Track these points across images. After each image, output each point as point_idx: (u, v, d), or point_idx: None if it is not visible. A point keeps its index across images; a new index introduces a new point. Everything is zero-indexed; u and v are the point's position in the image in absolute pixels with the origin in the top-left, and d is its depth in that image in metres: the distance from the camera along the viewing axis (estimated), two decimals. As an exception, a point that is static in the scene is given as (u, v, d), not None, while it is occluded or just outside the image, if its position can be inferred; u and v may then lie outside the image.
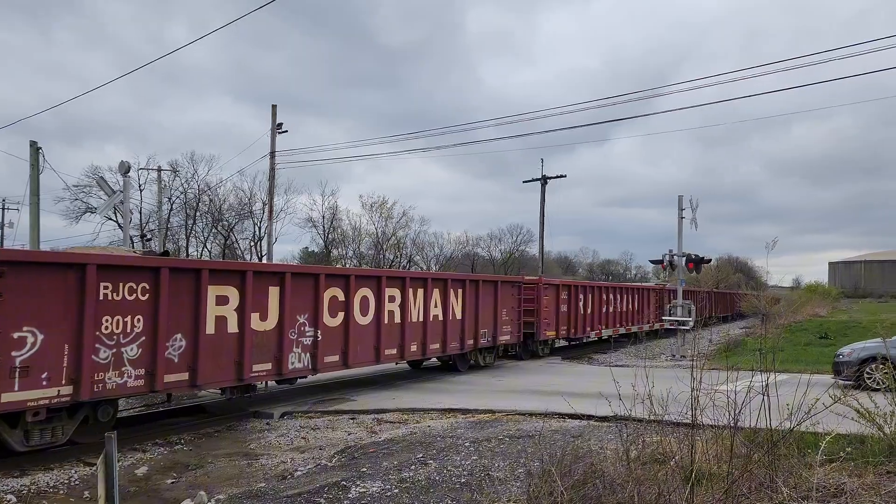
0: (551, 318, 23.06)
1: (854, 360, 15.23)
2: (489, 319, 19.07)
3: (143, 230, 50.00)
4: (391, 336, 15.23)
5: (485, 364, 19.51)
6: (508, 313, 20.23)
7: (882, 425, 7.38)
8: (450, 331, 17.25)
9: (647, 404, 6.88)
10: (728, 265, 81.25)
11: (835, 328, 29.42)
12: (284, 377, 12.79)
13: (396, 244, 70.23)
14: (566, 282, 25.98)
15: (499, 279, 20.59)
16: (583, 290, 25.77)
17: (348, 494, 7.21)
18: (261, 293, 12.11)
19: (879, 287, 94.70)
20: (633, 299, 30.52)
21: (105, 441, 3.77)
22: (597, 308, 26.51)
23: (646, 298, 32.42)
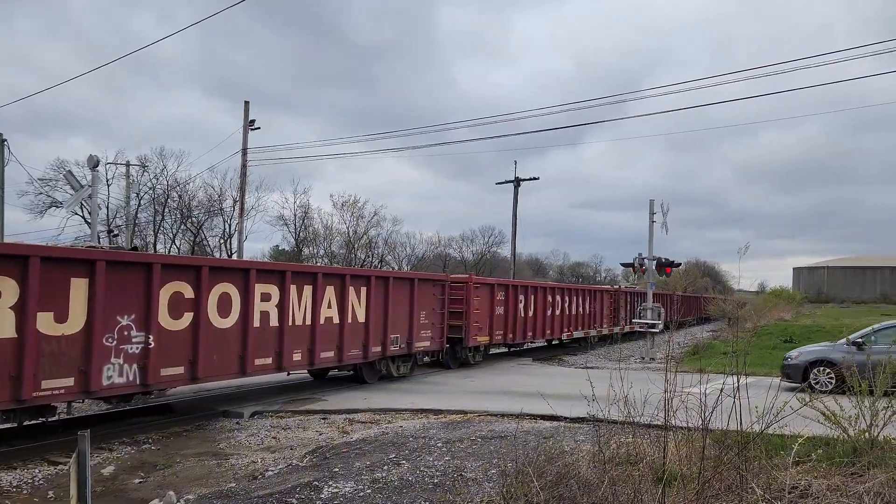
0: (484, 321, 20.71)
1: (801, 363, 15.63)
2: (403, 323, 16.61)
3: (110, 226, 49.11)
4: (263, 342, 12.55)
5: (399, 374, 17.09)
6: (429, 316, 17.74)
7: (847, 428, 7.53)
8: (348, 336, 14.67)
9: (619, 406, 6.95)
10: (696, 269, 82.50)
11: (799, 332, 29.97)
12: (97, 395, 10.26)
13: (368, 244, 69.94)
14: (503, 281, 23.70)
15: (416, 276, 18.08)
16: (523, 290, 23.34)
17: (320, 495, 7.15)
18: (58, 287, 9.46)
19: (841, 292, 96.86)
20: (584, 302, 28.35)
21: (78, 439, 3.68)
22: (541, 311, 24.18)
23: (599, 301, 30.24)
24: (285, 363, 13.11)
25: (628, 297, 34.81)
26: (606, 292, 32.20)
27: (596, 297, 30.03)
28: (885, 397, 7.56)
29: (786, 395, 6.94)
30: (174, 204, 57.49)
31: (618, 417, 7.08)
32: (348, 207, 68.07)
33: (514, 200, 42.22)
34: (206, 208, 58.73)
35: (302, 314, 13.49)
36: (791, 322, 38.73)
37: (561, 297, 26.12)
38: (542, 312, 24.39)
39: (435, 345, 18.26)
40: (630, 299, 34.79)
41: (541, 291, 24.64)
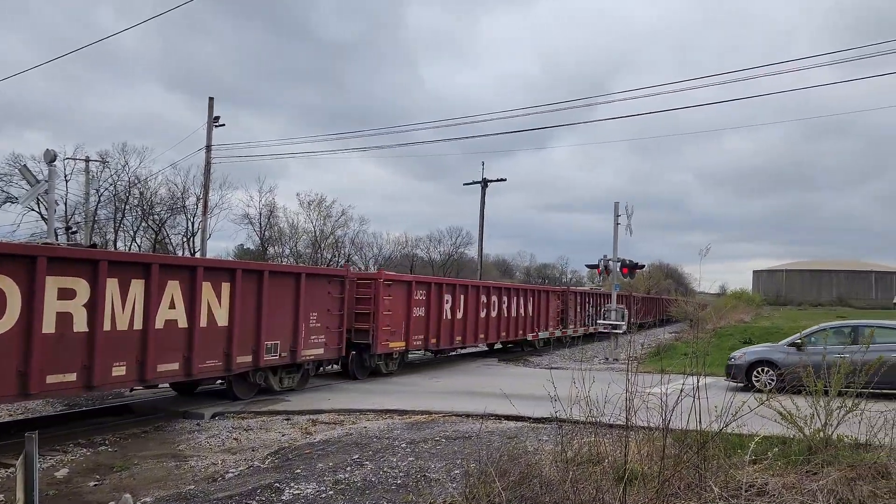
0: (398, 324, 18.07)
1: (744, 363, 16.02)
2: (284, 327, 13.92)
3: (68, 222, 47.96)
4: (61, 353, 9.75)
5: (283, 388, 14.41)
6: (322, 318, 15.07)
7: (802, 427, 7.69)
8: (202, 344, 11.95)
9: (581, 406, 7.01)
10: (659, 271, 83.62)
11: (758, 333, 30.54)
12: None
13: (335, 243, 69.53)
14: (424, 279, 21.65)
15: (302, 271, 15.41)
16: (450, 289, 20.82)
17: (281, 497, 7.06)
18: None
19: (799, 295, 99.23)
20: (526, 303, 26.02)
21: (25, 441, 3.56)
22: (472, 312, 21.74)
23: (544, 302, 27.89)
24: (97, 380, 10.15)
25: (580, 297, 33.26)
26: (553, 293, 29.78)
27: (541, 297, 27.58)
28: (838, 397, 7.72)
29: (743, 395, 7.07)
30: (135, 201, 56.42)
31: (581, 417, 7.14)
32: (315, 207, 67.64)
33: (481, 201, 42.34)
34: (168, 206, 57.78)
35: (128, 317, 10.71)
36: (750, 324, 39.47)
37: (498, 298, 23.71)
38: (475, 314, 21.95)
39: (330, 352, 15.52)
40: (582, 300, 33.16)
41: (473, 291, 22.11)
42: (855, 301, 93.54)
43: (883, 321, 18.46)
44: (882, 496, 6.10)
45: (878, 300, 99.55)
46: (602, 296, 35.93)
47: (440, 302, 19.96)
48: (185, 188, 57.50)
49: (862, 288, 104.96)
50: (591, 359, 25.75)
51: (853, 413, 7.67)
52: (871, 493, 6.10)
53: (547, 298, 28.18)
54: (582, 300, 33.23)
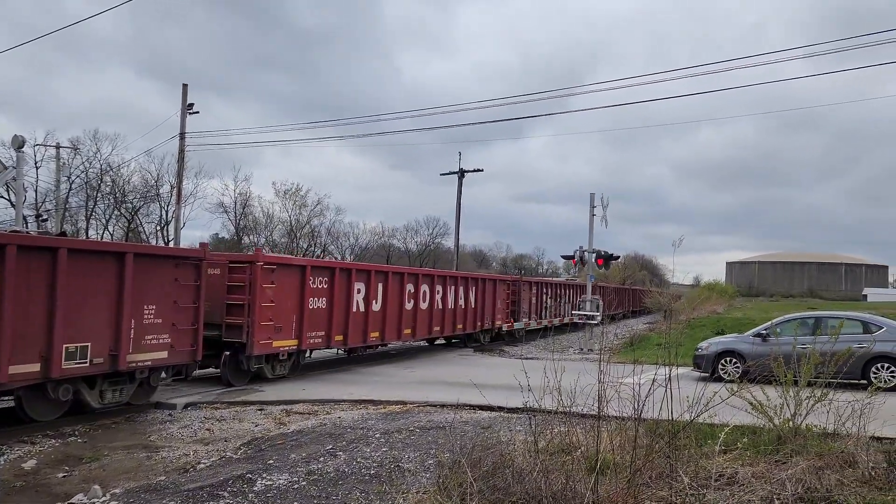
0: (286, 317, 14.63)
1: (711, 353, 16.25)
2: (99, 324, 10.60)
3: (38, 210, 47.10)
4: None
5: (104, 403, 11.11)
6: (164, 312, 11.68)
7: (772, 417, 7.80)
8: None
9: (554, 396, 7.03)
10: (634, 263, 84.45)
11: (731, 324, 30.95)
12: None
13: (311, 233, 69.14)
14: (323, 263, 18.89)
15: (129, 250, 11.39)
16: (363, 276, 17.42)
17: (253, 487, 7.00)
18: None
19: (771, 286, 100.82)
20: (467, 293, 23.03)
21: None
22: (394, 304, 18.53)
23: (490, 292, 24.94)
24: None
25: (537, 288, 30.85)
26: (501, 282, 26.82)
27: (486, 287, 24.73)
28: (807, 387, 7.84)
29: (714, 386, 7.14)
30: (107, 189, 55.55)
31: (554, 407, 7.17)
32: (290, 196, 67.18)
33: (458, 192, 42.30)
34: (141, 194, 56.98)
35: None
36: (723, 315, 40.00)
37: (431, 288, 20.62)
38: (398, 306, 18.76)
39: (179, 355, 12.04)
40: (539, 291, 30.84)
41: (395, 279, 18.82)
42: (825, 292, 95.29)
43: (845, 312, 18.81)
44: (849, 484, 6.21)
45: (847, 291, 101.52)
46: (563, 286, 35.20)
47: (348, 291, 16.67)
48: (158, 176, 56.79)
49: (832, 280, 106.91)
50: (566, 349, 25.94)
51: (822, 403, 7.80)
52: (839, 482, 6.21)
53: (494, 289, 25.37)
54: (539, 291, 30.94)
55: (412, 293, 19.56)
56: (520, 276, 30.21)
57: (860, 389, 8.40)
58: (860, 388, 10.92)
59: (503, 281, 27.26)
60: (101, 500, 6.79)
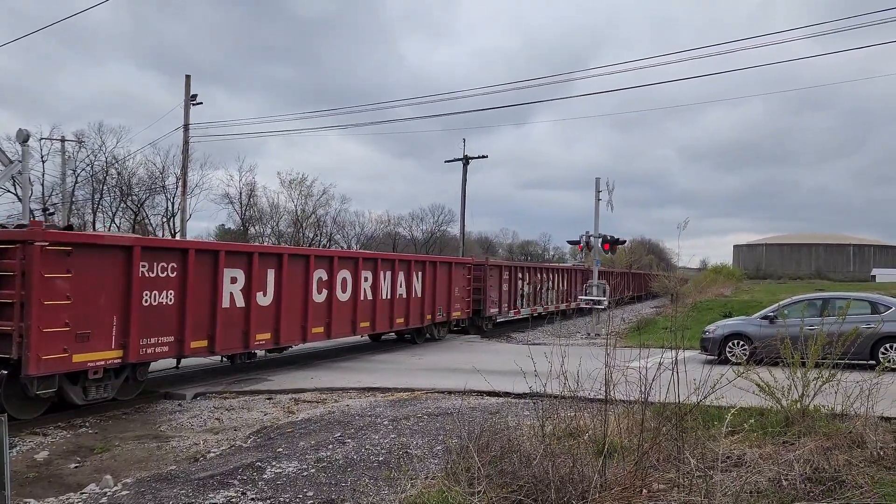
0: (95, 320, 10.40)
1: (718, 336, 16.24)
2: None
3: (45, 203, 47.27)
4: None
5: None
6: None
7: (780, 398, 7.80)
8: None
9: (562, 381, 7.05)
10: (641, 247, 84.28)
11: (738, 307, 30.90)
12: None
13: (316, 222, 69.23)
14: (171, 244, 13.90)
15: None
16: (242, 260, 13.22)
17: (263, 475, 7.05)
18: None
19: (779, 269, 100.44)
20: (407, 281, 18.97)
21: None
22: (294, 296, 14.54)
23: (443, 279, 21.17)
24: None
25: (512, 273, 27.14)
26: (459, 265, 22.59)
27: (437, 273, 20.63)
28: (815, 368, 7.83)
29: (721, 368, 7.14)
30: (113, 181, 55.69)
31: (561, 392, 7.18)
32: (296, 185, 67.22)
33: (462, 179, 42.20)
34: (147, 186, 57.11)
35: None
36: (730, 297, 39.95)
37: (354, 274, 16.61)
38: (301, 299, 14.78)
39: None
40: (513, 276, 27.09)
41: (296, 264, 14.71)
42: (833, 274, 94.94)
43: (851, 293, 18.75)
44: (857, 465, 6.21)
45: (856, 272, 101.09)
46: (550, 271, 32.23)
47: (215, 281, 12.48)
48: (164, 168, 56.91)
49: (840, 261, 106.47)
50: (573, 334, 25.98)
51: (829, 384, 7.79)
52: (847, 462, 6.21)
53: (448, 274, 21.47)
54: (513, 277, 27.02)
55: (324, 281, 15.53)
56: (486, 260, 26.14)
57: (868, 370, 8.37)
58: (869, 368, 10.88)
59: (462, 264, 23.06)
60: (112, 490, 6.84)
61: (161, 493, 6.53)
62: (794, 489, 4.93)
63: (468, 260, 24.37)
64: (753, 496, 4.87)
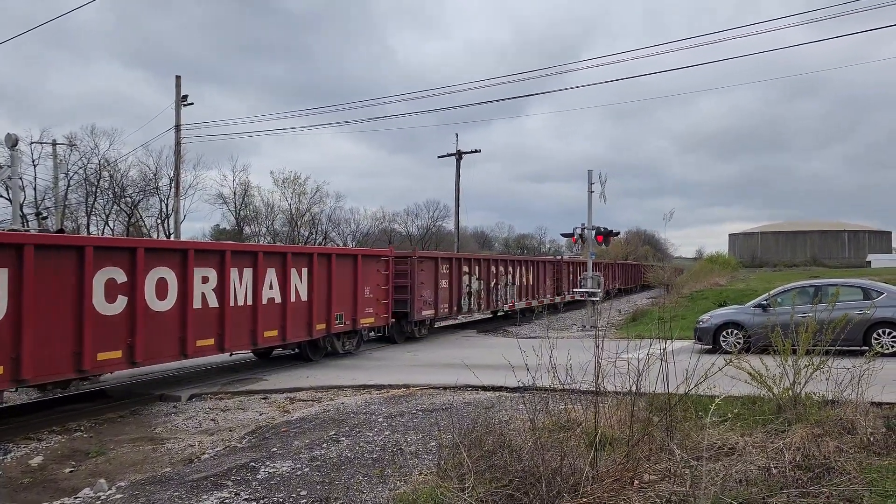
0: None
1: (711, 326, 16.28)
2: None
3: (38, 207, 47.10)
4: None
5: None
6: None
7: (771, 386, 7.82)
8: None
9: (555, 374, 7.05)
10: (637, 238, 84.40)
11: (733, 296, 30.99)
12: None
13: (311, 221, 69.16)
14: None
15: None
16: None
17: (257, 476, 7.06)
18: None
19: (775, 257, 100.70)
20: (283, 279, 14.34)
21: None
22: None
23: (346, 276, 16.48)
24: None
25: (456, 266, 22.69)
26: (368, 258, 17.59)
27: (332, 268, 15.84)
28: (806, 356, 7.85)
29: (713, 358, 7.15)
30: (106, 184, 55.50)
31: (554, 385, 7.18)
32: (289, 184, 67.13)
33: (456, 174, 42.20)
34: (140, 188, 56.95)
35: None
36: (726, 287, 40.05)
37: (220, 271, 12.74)
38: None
39: None
40: (457, 270, 22.71)
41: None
42: (829, 260, 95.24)
43: (845, 279, 18.79)
44: (847, 451, 6.24)
45: (851, 259, 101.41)
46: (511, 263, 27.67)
47: None
48: (157, 169, 56.71)
49: (835, 247, 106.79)
50: (569, 327, 26.02)
51: (821, 371, 7.81)
52: (837, 449, 6.24)
53: (354, 271, 16.65)
54: (455, 271, 22.56)
55: (121, 285, 10.81)
56: (413, 251, 21.48)
57: (861, 356, 8.40)
58: (861, 354, 10.93)
59: (373, 258, 17.92)
60: (106, 494, 6.84)
61: (155, 496, 6.53)
62: (783, 477, 4.95)
63: (384, 251, 19.00)
64: (742, 485, 4.89)
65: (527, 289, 28.64)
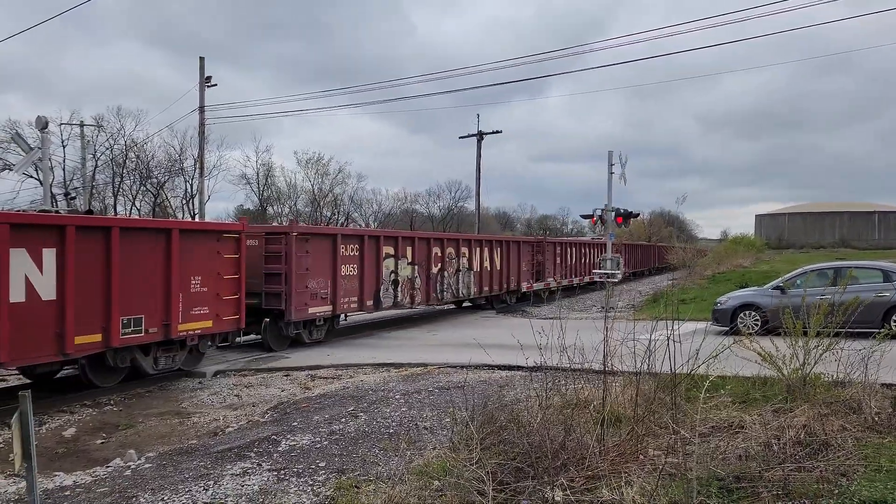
0: None
1: (729, 307, 16.30)
2: None
3: (67, 188, 48.04)
4: None
5: None
6: None
7: (781, 367, 7.93)
8: None
9: (569, 353, 7.23)
10: (660, 219, 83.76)
11: (756, 278, 30.77)
12: None
13: (334, 201, 69.65)
14: None
15: None
16: None
17: (278, 448, 7.37)
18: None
19: (802, 238, 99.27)
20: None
21: (19, 400, 3.79)
22: None
23: (153, 265, 11.17)
24: None
25: (365, 245, 16.77)
26: (193, 234, 12.13)
27: (111, 248, 10.40)
28: (816, 337, 7.93)
29: (728, 340, 7.28)
30: (132, 165, 56.37)
31: (568, 364, 7.36)
32: (312, 165, 67.59)
33: (477, 155, 42.21)
34: (165, 168, 57.76)
35: None
36: (749, 268, 39.74)
37: None
38: None
39: None
40: (367, 250, 16.79)
41: None
42: (858, 242, 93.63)
43: (865, 262, 18.66)
44: (851, 429, 6.36)
45: (881, 240, 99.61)
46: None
47: None
48: (181, 150, 57.44)
49: (865, 228, 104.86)
50: (588, 308, 26.11)
51: (831, 352, 7.90)
52: (842, 427, 6.36)
53: (167, 253, 11.38)
54: (372, 251, 17.13)
55: None
56: (292, 223, 16.30)
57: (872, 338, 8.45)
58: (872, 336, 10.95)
59: (206, 233, 12.48)
60: (136, 463, 7.19)
61: (182, 465, 6.87)
62: (782, 452, 5.10)
63: (229, 225, 14.21)
64: (741, 460, 5.06)
65: (490, 275, 23.48)
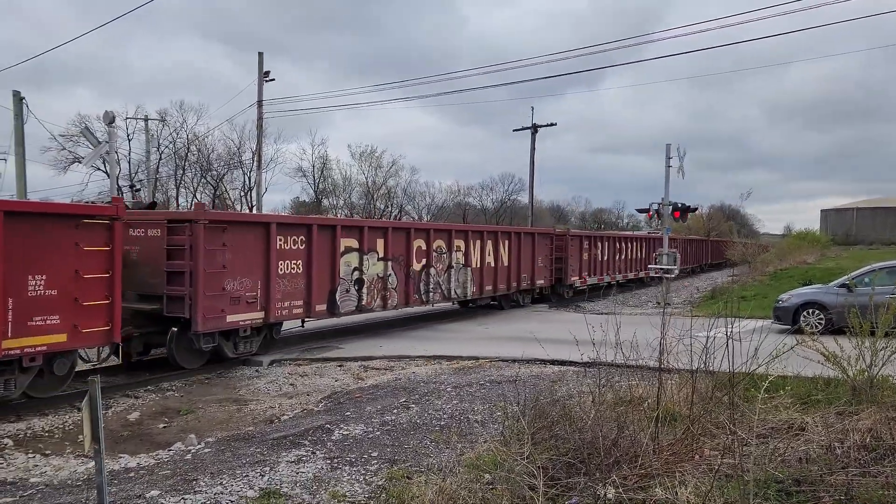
0: None
1: (791, 305, 15.76)
2: None
3: (132, 180, 49.75)
4: None
5: None
6: None
7: (846, 368, 7.65)
8: None
9: (623, 350, 7.12)
10: (720, 213, 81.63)
11: (820, 275, 29.73)
12: None
13: (387, 194, 70.22)
14: None
15: None
16: None
17: (331, 437, 7.49)
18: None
19: (871, 234, 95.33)
20: None
21: (89, 385, 3.96)
22: None
23: None
24: None
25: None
26: None
27: None
28: (885, 338, 7.62)
29: (790, 339, 7.07)
30: (194, 157, 57.95)
31: (621, 361, 7.25)
32: (366, 158, 68.23)
33: (531, 148, 41.87)
34: (225, 161, 59.19)
35: None
36: (813, 265, 38.41)
37: None
38: None
39: None
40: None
41: None
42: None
43: None
44: (921, 435, 6.08)
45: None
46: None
47: None
48: (240, 143, 58.74)
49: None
50: (644, 304, 25.71)
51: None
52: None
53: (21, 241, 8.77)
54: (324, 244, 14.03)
55: None
56: (197, 208, 13.08)
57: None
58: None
59: (63, 216, 9.46)
60: (196, 448, 7.42)
61: (239, 451, 7.05)
62: (846, 456, 4.93)
63: (97, 208, 10.50)
64: (802, 463, 4.91)
65: (494, 272, 20.42)
